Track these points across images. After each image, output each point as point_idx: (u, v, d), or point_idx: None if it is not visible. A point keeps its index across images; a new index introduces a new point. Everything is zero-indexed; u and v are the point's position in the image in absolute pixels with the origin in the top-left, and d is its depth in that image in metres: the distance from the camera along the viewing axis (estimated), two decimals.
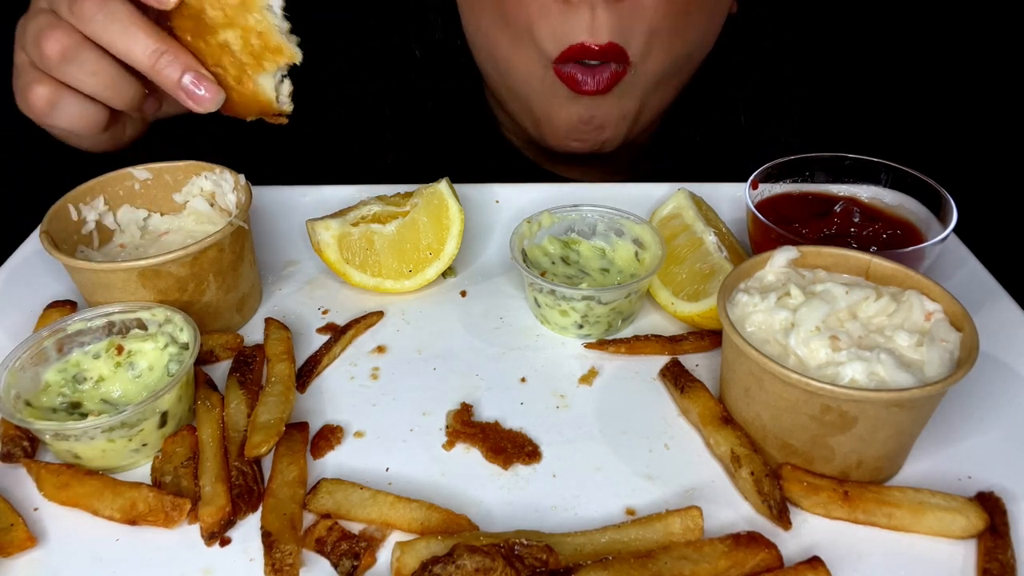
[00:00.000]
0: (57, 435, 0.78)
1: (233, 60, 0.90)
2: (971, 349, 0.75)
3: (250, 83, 0.91)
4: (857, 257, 0.88)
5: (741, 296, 0.84)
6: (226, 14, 0.88)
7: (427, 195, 1.07)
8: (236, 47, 0.89)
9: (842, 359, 0.76)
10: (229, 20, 0.88)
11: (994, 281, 1.05)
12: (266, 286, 1.09)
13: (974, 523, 0.73)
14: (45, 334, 0.86)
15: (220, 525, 0.74)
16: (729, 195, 1.19)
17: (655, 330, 1.00)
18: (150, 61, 0.87)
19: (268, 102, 0.92)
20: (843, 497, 0.75)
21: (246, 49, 0.89)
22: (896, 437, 0.76)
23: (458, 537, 0.71)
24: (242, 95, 0.92)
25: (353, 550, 0.72)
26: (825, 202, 1.05)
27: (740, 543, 0.70)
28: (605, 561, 0.68)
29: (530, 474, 0.82)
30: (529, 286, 1.01)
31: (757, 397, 0.79)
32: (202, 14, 0.88)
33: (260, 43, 0.89)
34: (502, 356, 0.97)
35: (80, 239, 0.99)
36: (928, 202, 1.02)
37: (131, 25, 0.87)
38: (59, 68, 0.89)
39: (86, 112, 0.93)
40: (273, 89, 0.92)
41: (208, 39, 0.89)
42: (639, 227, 1.05)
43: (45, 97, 0.91)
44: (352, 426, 0.88)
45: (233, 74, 0.91)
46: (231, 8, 0.88)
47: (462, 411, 0.89)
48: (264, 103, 0.93)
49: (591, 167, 1.47)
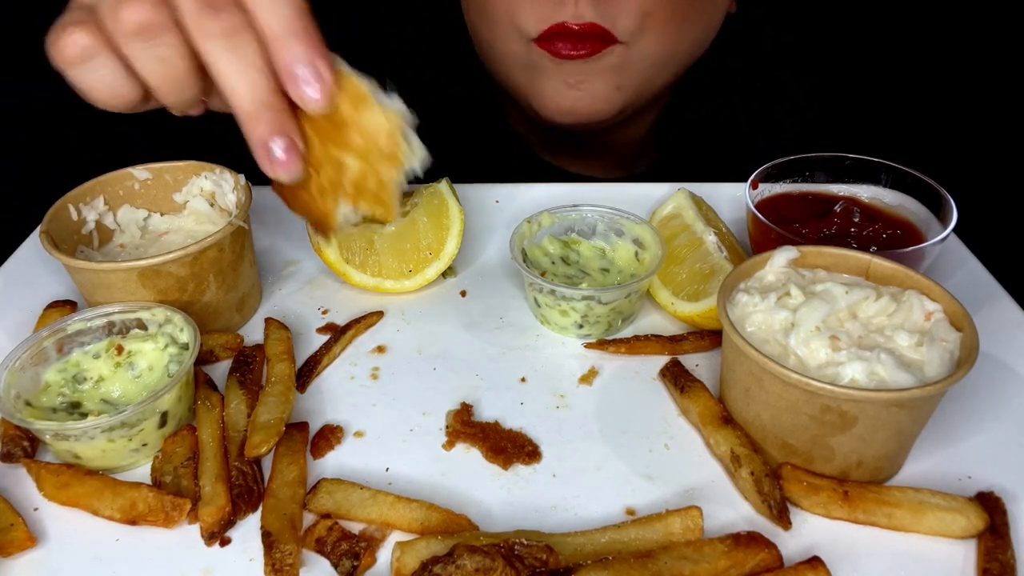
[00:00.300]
0: (57, 435, 0.78)
1: (334, 177, 0.82)
2: (971, 349, 0.75)
3: (331, 202, 0.83)
4: (857, 257, 0.88)
5: (741, 296, 0.84)
6: (366, 149, 0.81)
7: (427, 195, 1.07)
8: (349, 173, 0.82)
9: (842, 359, 0.76)
10: (364, 154, 0.81)
11: (994, 281, 1.05)
12: (266, 286, 1.09)
13: (974, 523, 0.73)
14: (45, 334, 0.86)
15: (220, 525, 0.74)
16: (729, 195, 1.20)
17: (655, 330, 1.00)
18: (251, 109, 0.75)
19: (330, 224, 0.85)
20: (843, 497, 0.75)
21: (357, 182, 0.82)
22: (896, 437, 0.76)
23: (458, 537, 0.71)
24: (311, 200, 0.84)
25: (353, 550, 0.72)
26: (825, 202, 1.05)
27: (740, 543, 0.70)
28: (605, 561, 0.68)
29: (530, 474, 0.82)
30: (529, 286, 1.01)
31: (757, 397, 0.79)
32: (343, 129, 0.80)
33: (373, 188, 0.82)
34: (502, 356, 0.97)
35: (80, 239, 1.00)
36: (928, 202, 1.02)
37: (252, 66, 0.74)
38: (125, 38, 0.75)
39: (121, 86, 0.79)
40: (343, 217, 0.85)
41: (329, 147, 0.81)
42: (639, 227, 1.05)
43: (80, 47, 0.76)
44: (352, 426, 0.88)
45: (322, 184, 0.82)
46: (376, 151, 0.81)
47: (462, 411, 0.89)
48: (326, 221, 0.85)
49: (593, 159, 1.47)
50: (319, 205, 0.84)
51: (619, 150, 1.48)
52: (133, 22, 0.74)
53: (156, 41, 0.75)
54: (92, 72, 0.77)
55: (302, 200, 0.85)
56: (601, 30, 1.17)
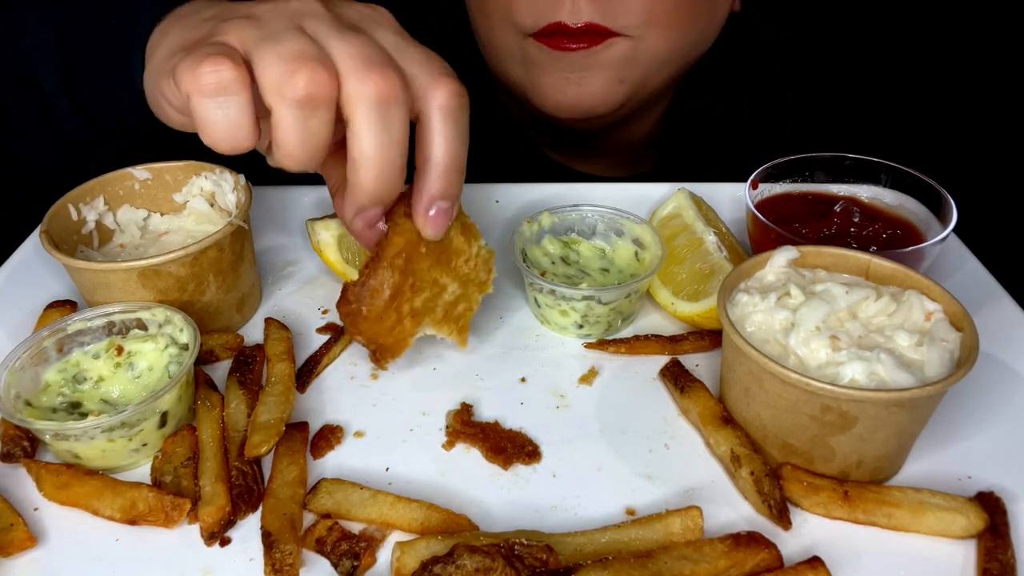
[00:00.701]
0: (57, 435, 0.78)
1: (430, 300, 0.84)
2: (971, 349, 0.75)
3: (415, 326, 0.84)
4: (857, 257, 0.88)
5: (741, 296, 0.84)
6: (468, 277, 0.86)
7: None
8: (446, 297, 0.85)
9: (842, 359, 0.76)
10: (464, 281, 0.86)
11: (994, 281, 1.05)
12: (266, 286, 1.09)
13: (974, 523, 0.73)
14: (45, 334, 0.86)
15: (220, 525, 0.74)
16: (729, 195, 1.19)
17: (655, 330, 1.00)
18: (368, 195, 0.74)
19: (402, 348, 0.84)
20: (843, 497, 0.75)
21: (449, 306, 0.86)
22: (896, 437, 0.76)
23: (458, 537, 0.71)
24: (394, 322, 0.82)
25: (353, 550, 0.72)
26: (825, 202, 1.05)
27: (740, 543, 0.70)
28: (605, 561, 0.68)
29: (530, 474, 0.82)
30: (529, 286, 1.01)
31: (757, 397, 0.79)
32: (452, 256, 0.84)
33: (459, 313, 0.88)
34: (502, 356, 0.97)
35: (80, 239, 0.99)
36: (928, 202, 1.02)
37: (394, 145, 0.71)
38: (285, 99, 0.68)
39: (245, 136, 0.71)
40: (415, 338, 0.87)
41: (435, 270, 0.83)
42: (639, 227, 1.05)
43: (222, 82, 0.68)
44: (352, 426, 0.88)
45: (415, 307, 0.83)
46: (475, 280, 0.87)
47: (462, 411, 0.89)
48: (398, 346, 0.84)
49: (596, 158, 1.46)
50: (401, 328, 0.83)
51: (623, 149, 1.48)
52: (303, 90, 0.67)
53: (315, 114, 0.69)
54: (221, 109, 0.69)
55: (380, 324, 0.81)
56: (598, 29, 1.17)
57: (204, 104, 0.69)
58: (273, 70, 0.68)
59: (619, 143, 1.46)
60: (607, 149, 1.47)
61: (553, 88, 1.24)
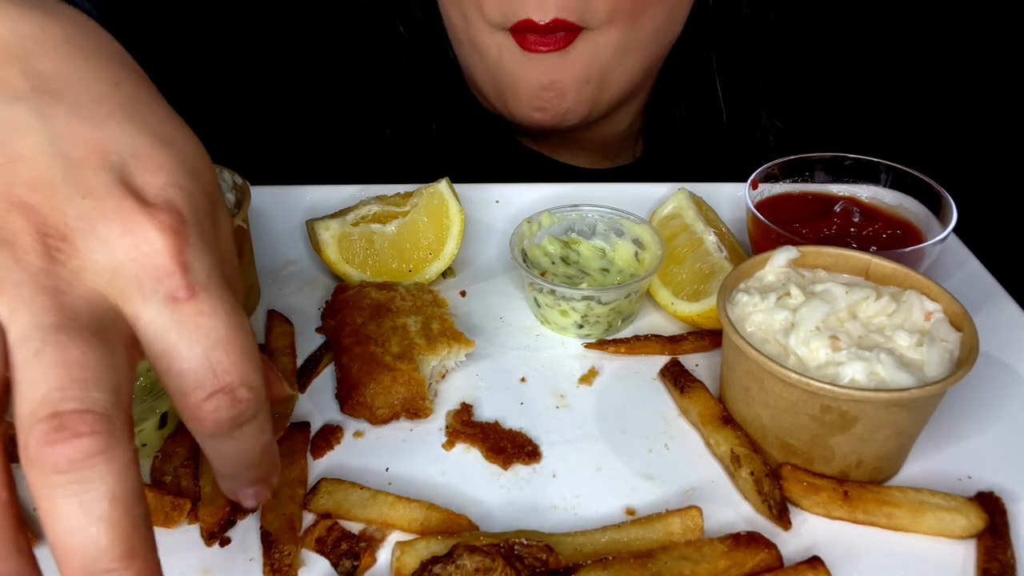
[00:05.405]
0: None
1: (403, 343, 0.90)
2: (971, 349, 0.75)
3: (410, 367, 0.87)
4: (857, 257, 0.88)
5: (741, 296, 0.84)
6: (416, 304, 0.97)
7: (427, 195, 1.07)
8: (413, 329, 0.93)
9: (842, 359, 0.76)
10: (418, 309, 0.96)
11: (994, 281, 1.05)
12: (266, 286, 1.09)
13: (974, 523, 0.73)
14: None
15: (220, 525, 0.74)
16: (729, 195, 1.19)
17: (655, 330, 1.00)
18: None
19: (425, 395, 0.87)
20: (843, 497, 0.75)
21: (422, 333, 0.92)
22: (896, 437, 0.76)
23: (458, 537, 0.71)
24: (397, 371, 0.87)
25: (353, 550, 0.72)
26: (825, 202, 1.05)
27: (740, 543, 0.70)
28: (605, 561, 0.68)
29: (530, 474, 0.82)
30: (529, 286, 1.01)
31: (757, 397, 0.79)
32: (380, 310, 0.95)
33: (439, 328, 0.93)
34: (502, 356, 0.97)
35: None
36: (928, 202, 1.02)
37: None
38: None
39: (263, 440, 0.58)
40: (430, 376, 0.90)
41: (383, 321, 0.93)
42: (639, 227, 1.05)
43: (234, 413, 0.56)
44: (352, 426, 0.87)
45: (393, 352, 0.89)
46: (430, 302, 0.98)
47: (462, 411, 0.89)
48: (420, 398, 0.87)
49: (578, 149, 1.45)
50: (409, 389, 0.86)
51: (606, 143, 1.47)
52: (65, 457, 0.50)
53: None
54: (241, 432, 0.57)
55: (389, 404, 0.86)
56: (566, 25, 1.14)
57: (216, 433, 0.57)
58: None
59: (598, 139, 1.44)
60: (586, 144, 1.46)
61: (529, 95, 1.22)
